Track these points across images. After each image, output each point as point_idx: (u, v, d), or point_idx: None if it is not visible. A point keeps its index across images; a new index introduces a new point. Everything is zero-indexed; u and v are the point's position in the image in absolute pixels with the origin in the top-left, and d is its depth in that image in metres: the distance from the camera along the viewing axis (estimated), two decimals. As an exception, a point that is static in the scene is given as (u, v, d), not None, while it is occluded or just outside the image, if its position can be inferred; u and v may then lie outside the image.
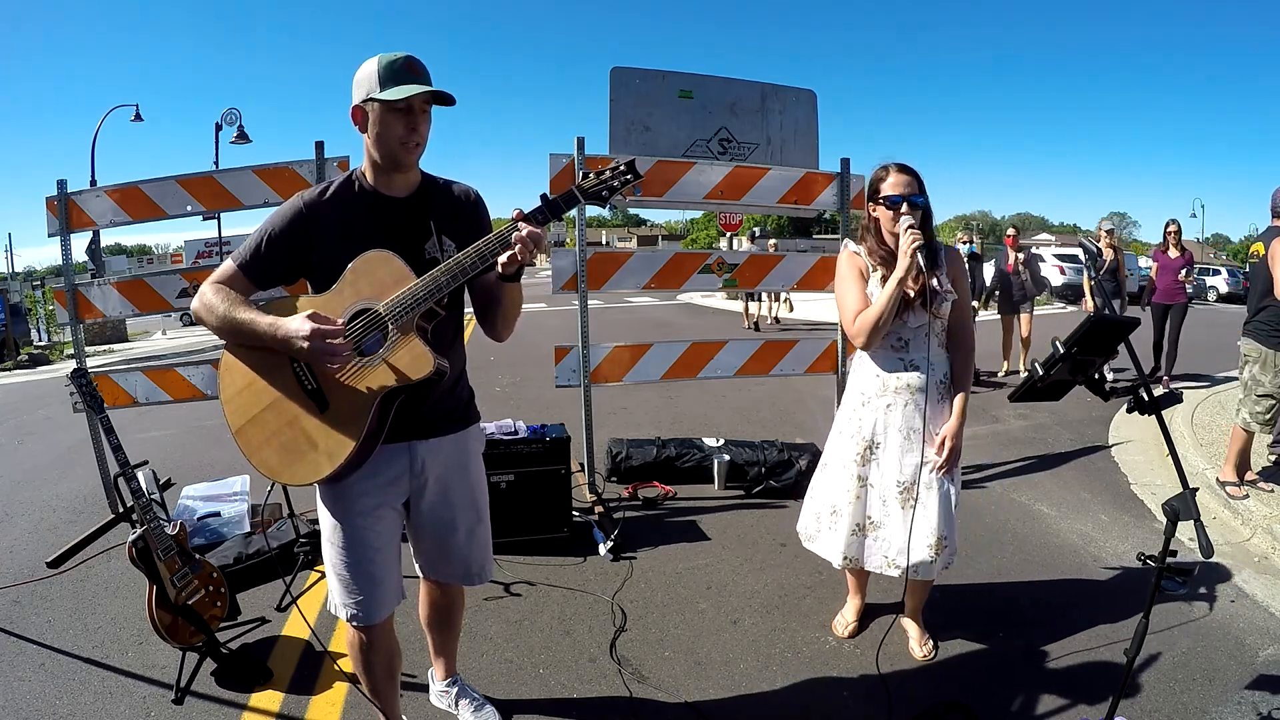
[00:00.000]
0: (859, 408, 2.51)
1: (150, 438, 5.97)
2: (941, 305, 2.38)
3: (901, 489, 2.42)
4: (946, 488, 2.42)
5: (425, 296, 1.63)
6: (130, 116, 17.19)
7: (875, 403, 2.46)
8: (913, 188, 2.36)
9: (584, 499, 4.06)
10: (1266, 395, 3.93)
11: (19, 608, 3.09)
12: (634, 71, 4.38)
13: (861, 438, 2.49)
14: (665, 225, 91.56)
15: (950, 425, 2.39)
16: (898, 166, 2.41)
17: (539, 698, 2.42)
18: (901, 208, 2.33)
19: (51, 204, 3.87)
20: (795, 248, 29.29)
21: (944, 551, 2.42)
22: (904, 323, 2.38)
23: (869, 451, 2.48)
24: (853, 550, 2.52)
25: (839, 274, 2.52)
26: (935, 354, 2.42)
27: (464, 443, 1.96)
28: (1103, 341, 1.83)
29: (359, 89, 1.66)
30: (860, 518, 2.50)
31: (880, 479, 2.46)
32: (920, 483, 2.41)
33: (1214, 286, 25.19)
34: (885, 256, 2.42)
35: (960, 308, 2.44)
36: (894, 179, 2.38)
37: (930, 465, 2.40)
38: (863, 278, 2.46)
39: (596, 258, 4.07)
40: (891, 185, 2.37)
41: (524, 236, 1.61)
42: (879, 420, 2.45)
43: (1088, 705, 2.32)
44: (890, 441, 2.43)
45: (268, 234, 1.72)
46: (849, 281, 2.47)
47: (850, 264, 2.49)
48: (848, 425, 2.55)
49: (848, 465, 2.52)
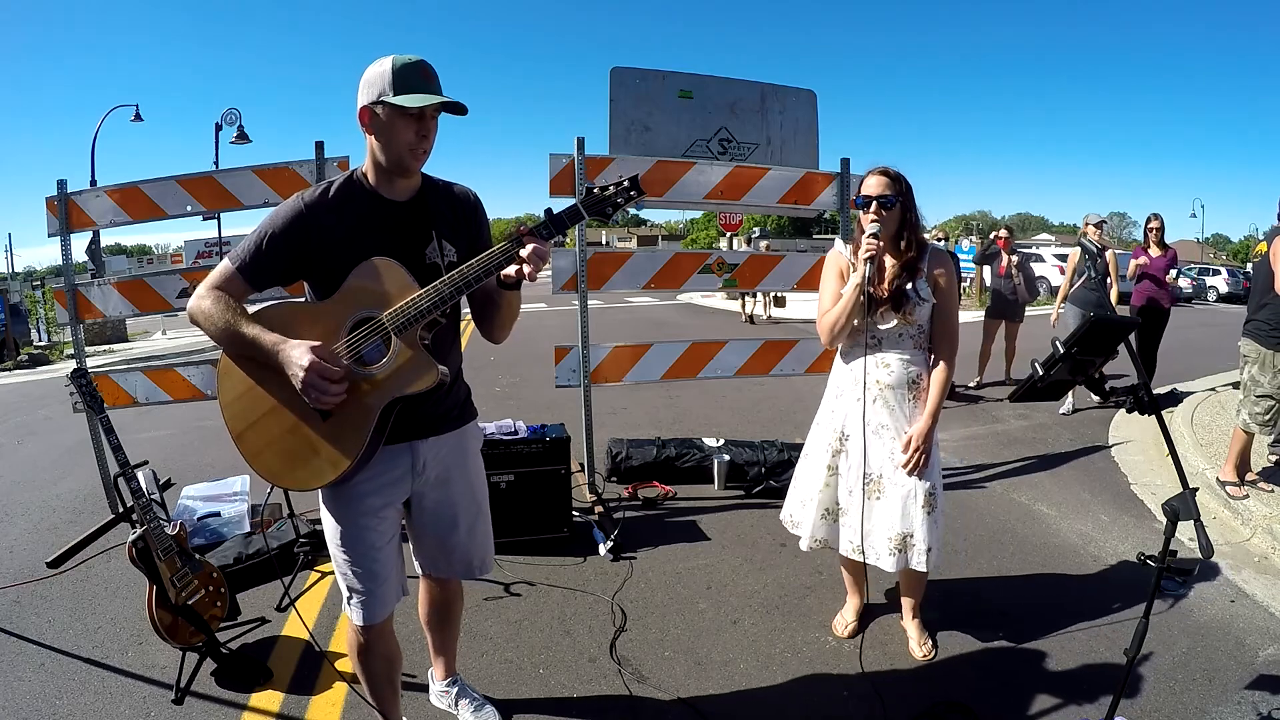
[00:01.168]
0: (834, 400, 2.63)
1: (150, 438, 5.97)
2: (915, 309, 2.42)
3: (867, 481, 2.50)
4: (911, 488, 2.44)
5: (429, 309, 1.62)
6: (130, 116, 17.20)
7: (847, 396, 2.56)
8: (885, 189, 2.39)
9: (584, 499, 4.06)
10: (1265, 396, 3.92)
11: (19, 608, 3.09)
12: (634, 71, 4.38)
13: (834, 429, 2.59)
14: (665, 225, 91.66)
15: (919, 427, 2.42)
16: (878, 169, 2.45)
17: (539, 698, 2.42)
18: (871, 207, 2.38)
19: (51, 204, 3.87)
20: (795, 248, 29.23)
21: (912, 550, 2.45)
22: (875, 324, 2.45)
23: (840, 443, 2.57)
24: (821, 533, 2.64)
25: (822, 272, 2.63)
26: (911, 355, 2.47)
27: (463, 440, 1.97)
28: (1103, 341, 1.83)
29: (369, 89, 1.62)
30: (830, 503, 2.62)
31: (848, 470, 2.56)
32: (884, 477, 2.48)
33: (1214, 286, 25.20)
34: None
35: (943, 311, 2.47)
36: (868, 180, 2.44)
37: (895, 463, 2.45)
38: (841, 278, 2.53)
39: (596, 258, 4.07)
40: (864, 187, 2.43)
41: (530, 256, 1.61)
42: (850, 413, 2.54)
43: (1088, 705, 2.32)
44: (857, 434, 2.51)
45: (267, 234, 1.69)
46: (826, 280, 2.58)
47: (831, 263, 2.59)
48: (824, 417, 2.66)
49: (821, 455, 2.63)
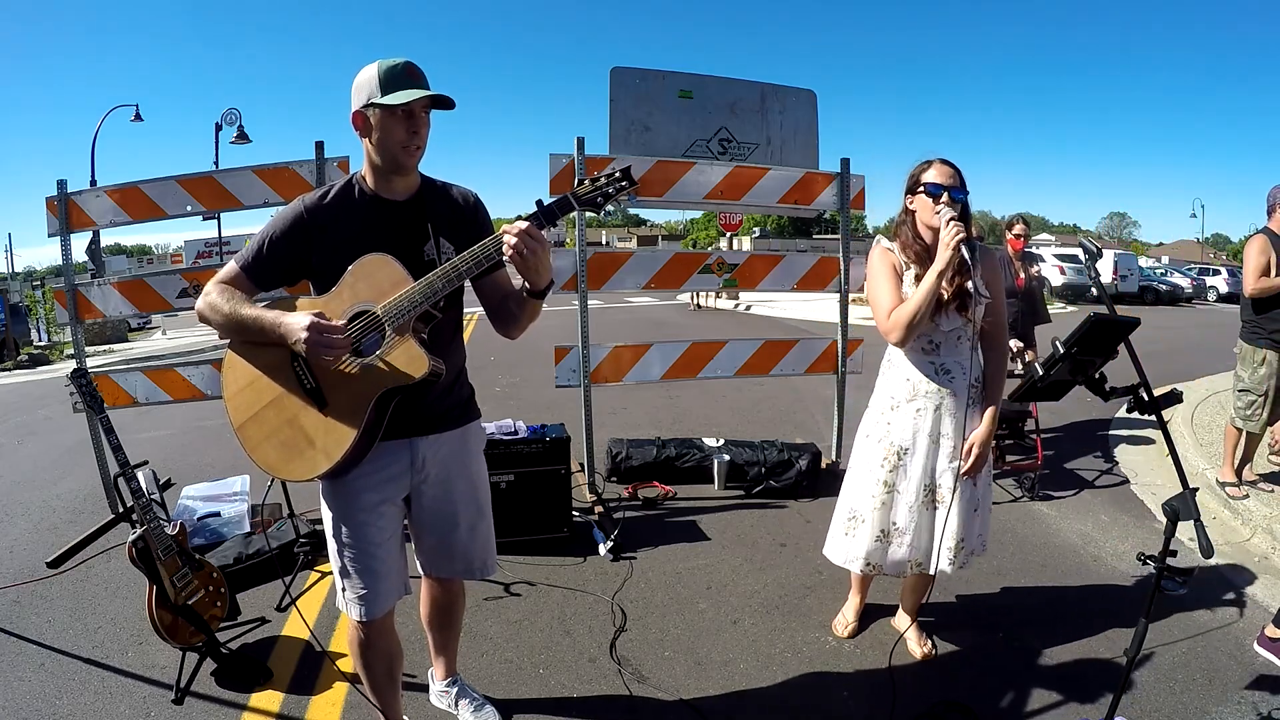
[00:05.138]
0: (887, 412, 2.44)
1: (150, 438, 5.96)
2: (977, 308, 2.29)
3: (926, 492, 2.38)
4: (970, 493, 2.40)
5: (421, 300, 1.66)
6: (130, 116, 17.24)
7: (905, 408, 2.39)
8: (955, 181, 2.27)
9: (584, 499, 4.06)
10: (1245, 390, 4.03)
11: (19, 608, 3.09)
12: (634, 71, 4.39)
13: (890, 443, 2.42)
14: (665, 225, 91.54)
15: (980, 432, 2.34)
16: (941, 160, 2.32)
17: (539, 697, 2.42)
18: (942, 197, 2.24)
19: (51, 204, 3.87)
20: (795, 248, 29.28)
21: (961, 553, 2.42)
22: (936, 325, 2.31)
23: (898, 458, 2.41)
24: (876, 557, 2.47)
25: (871, 270, 2.41)
26: (966, 356, 2.35)
27: (464, 439, 1.97)
28: (1103, 341, 1.83)
29: (359, 94, 1.69)
30: (885, 524, 2.44)
31: (907, 486, 2.40)
32: (944, 486, 2.38)
33: (1214, 286, 25.22)
34: (920, 252, 2.34)
35: (995, 310, 2.36)
36: (937, 169, 2.29)
37: (955, 470, 2.35)
38: (896, 274, 2.36)
39: (596, 258, 4.07)
40: (935, 175, 2.29)
41: (516, 231, 1.61)
42: (908, 425, 2.39)
43: (1088, 705, 2.32)
44: (919, 447, 2.38)
45: (269, 237, 1.76)
46: (882, 278, 2.36)
47: (883, 260, 2.39)
48: (875, 429, 2.47)
49: (874, 470, 2.45)
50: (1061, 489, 4.42)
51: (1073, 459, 5.05)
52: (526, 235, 1.60)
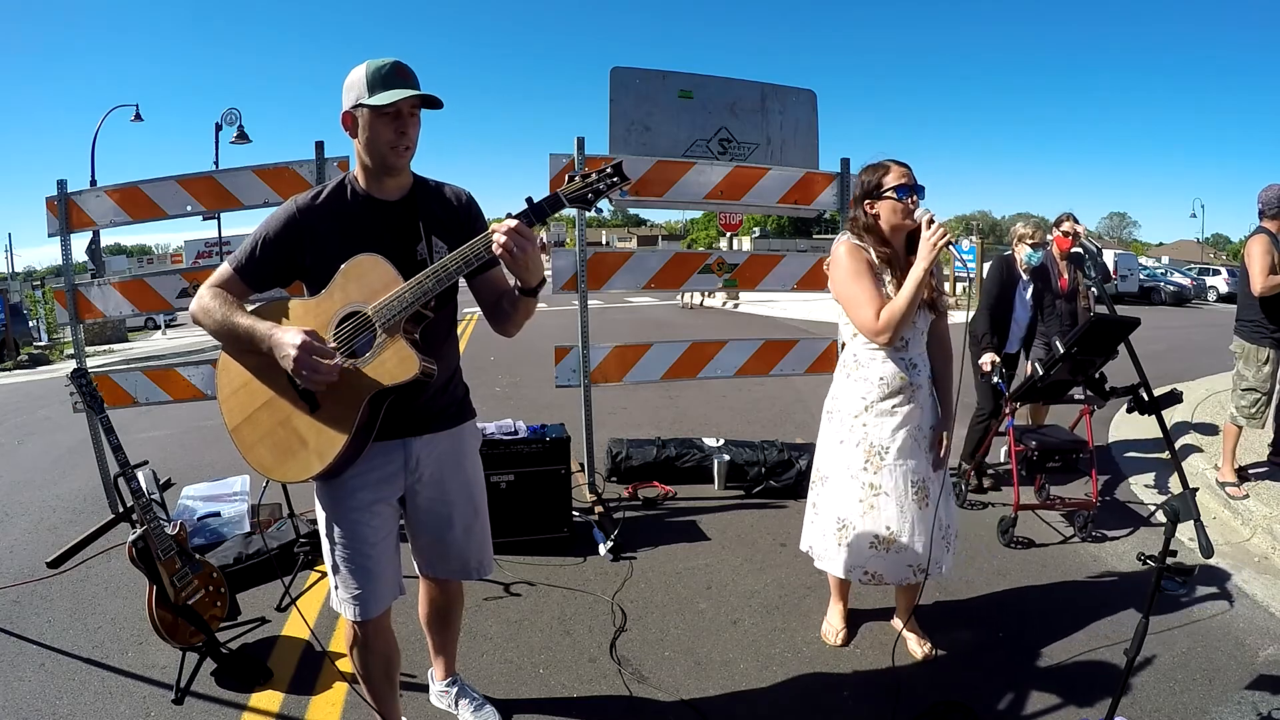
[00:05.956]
0: (861, 414, 2.42)
1: (150, 438, 5.97)
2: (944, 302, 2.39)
3: (917, 490, 2.41)
4: (946, 481, 2.49)
5: (411, 301, 1.65)
6: (130, 116, 17.23)
7: (878, 407, 2.40)
8: (913, 179, 2.31)
9: (584, 499, 4.06)
10: (1250, 389, 4.03)
11: (19, 608, 3.09)
12: (634, 71, 4.39)
13: (870, 444, 2.40)
14: (665, 225, 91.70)
15: (949, 422, 2.45)
16: (895, 161, 2.35)
17: (539, 698, 2.42)
18: (913, 198, 2.28)
19: (51, 204, 3.87)
20: (795, 248, 29.32)
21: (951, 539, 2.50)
22: (912, 323, 2.34)
23: (880, 458, 2.39)
24: (875, 565, 2.44)
25: (845, 270, 2.33)
26: (923, 351, 2.45)
27: (459, 439, 1.97)
28: (1103, 341, 1.84)
29: (348, 95, 1.69)
30: (878, 528, 2.40)
31: (895, 484, 2.39)
32: (930, 479, 2.44)
33: (1214, 286, 25.19)
34: (890, 256, 2.35)
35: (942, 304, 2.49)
36: (898, 172, 2.32)
37: (933, 462, 2.44)
38: (872, 270, 2.32)
39: (596, 258, 4.07)
40: (898, 176, 2.31)
41: (505, 229, 1.61)
42: (886, 424, 2.39)
43: (1088, 705, 2.32)
44: (899, 444, 2.38)
45: (262, 238, 1.76)
46: (863, 276, 2.30)
47: (858, 257, 2.33)
48: (850, 434, 2.44)
49: (855, 475, 2.43)
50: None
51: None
52: (515, 233, 1.60)
